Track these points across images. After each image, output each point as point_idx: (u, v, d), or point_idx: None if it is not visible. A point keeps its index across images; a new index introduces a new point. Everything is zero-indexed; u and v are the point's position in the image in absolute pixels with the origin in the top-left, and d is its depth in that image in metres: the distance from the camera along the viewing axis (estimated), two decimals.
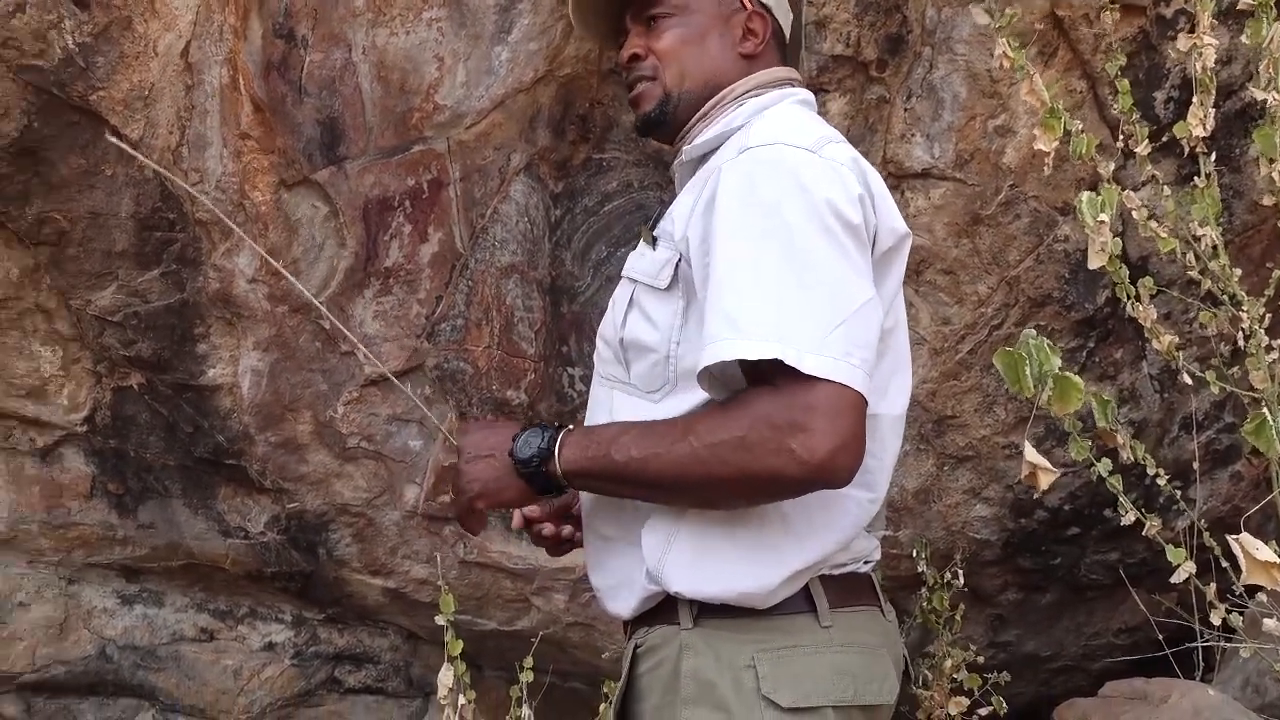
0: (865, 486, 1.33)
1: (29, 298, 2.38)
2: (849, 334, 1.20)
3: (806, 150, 1.28)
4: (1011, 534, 2.76)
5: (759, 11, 1.46)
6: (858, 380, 1.19)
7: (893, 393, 1.38)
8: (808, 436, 1.17)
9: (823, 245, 1.23)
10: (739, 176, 1.28)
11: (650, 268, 1.37)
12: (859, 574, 1.38)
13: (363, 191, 2.33)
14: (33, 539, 2.68)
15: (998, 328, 2.49)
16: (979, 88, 2.30)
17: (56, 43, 2.07)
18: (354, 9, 2.20)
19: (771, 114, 1.39)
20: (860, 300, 1.23)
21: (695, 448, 1.23)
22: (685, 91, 1.45)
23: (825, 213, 1.24)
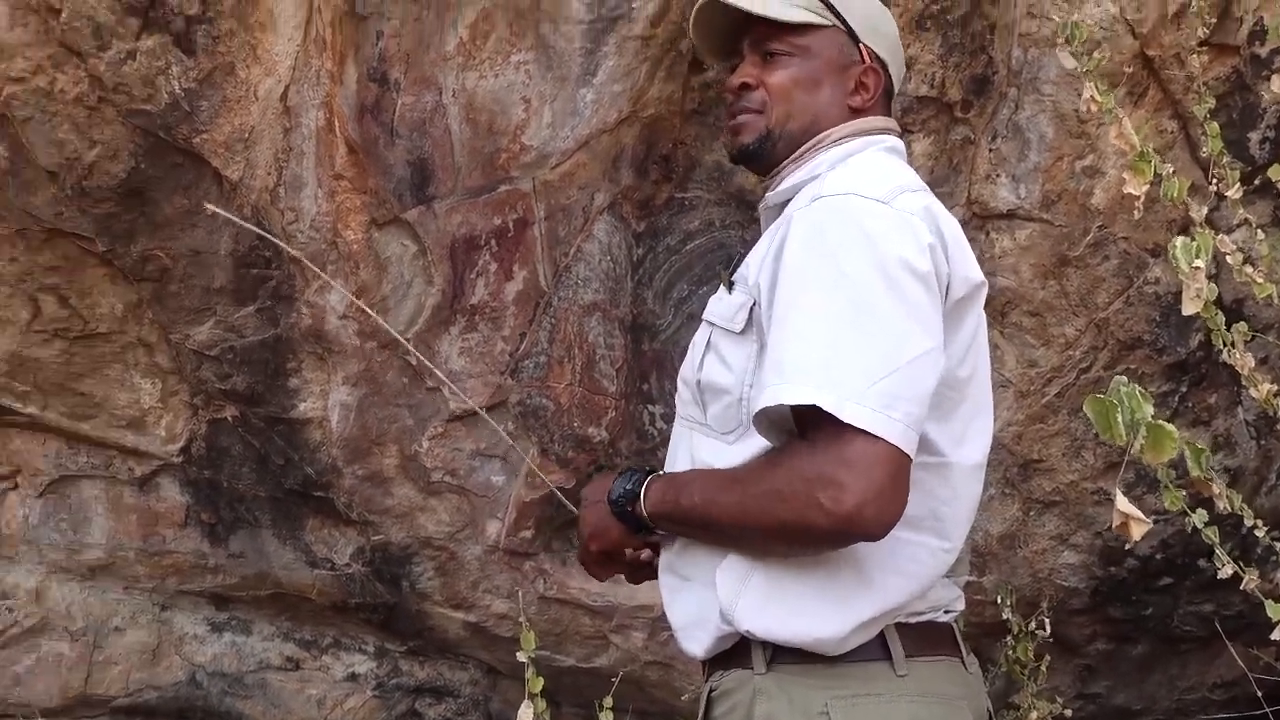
0: (938, 535, 1.32)
1: (132, 332, 2.47)
2: (897, 386, 1.19)
3: (877, 200, 1.28)
4: (1101, 582, 2.68)
5: (875, 67, 1.47)
6: (896, 434, 1.18)
7: (970, 440, 1.36)
8: (836, 490, 1.18)
9: (883, 296, 1.23)
10: (808, 225, 1.29)
11: (726, 311, 1.39)
12: (937, 623, 1.37)
13: (450, 230, 2.38)
14: (129, 565, 2.76)
15: (1086, 371, 2.45)
16: (1066, 128, 2.27)
17: (164, 88, 2.17)
18: (445, 53, 2.26)
19: (853, 161, 1.40)
20: (915, 352, 1.22)
21: (741, 497, 1.27)
22: (787, 131, 1.46)
23: (890, 263, 1.24)
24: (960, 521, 1.36)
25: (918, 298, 1.25)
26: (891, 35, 1.52)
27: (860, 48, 1.47)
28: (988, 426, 1.41)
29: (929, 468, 1.31)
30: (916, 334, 1.23)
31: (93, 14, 2.09)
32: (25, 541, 2.72)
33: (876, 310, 1.22)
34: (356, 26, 2.21)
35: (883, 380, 1.19)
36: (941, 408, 1.31)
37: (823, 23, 1.46)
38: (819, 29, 1.46)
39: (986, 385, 1.42)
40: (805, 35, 1.45)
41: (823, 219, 1.28)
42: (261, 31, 2.18)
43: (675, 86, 2.36)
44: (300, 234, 2.34)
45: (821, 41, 1.46)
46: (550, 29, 2.26)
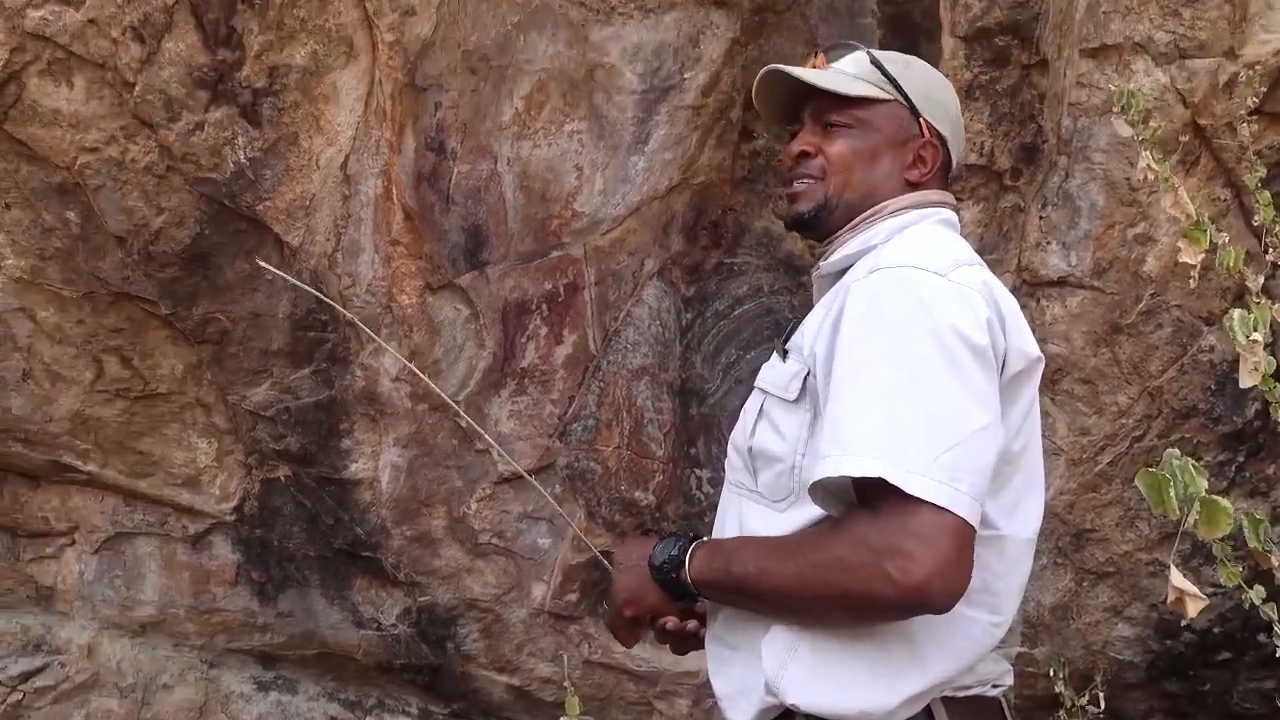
0: (990, 609, 1.31)
1: (190, 392, 2.52)
2: (959, 459, 1.19)
3: (935, 274, 1.29)
4: (1157, 656, 2.63)
5: (934, 141, 1.48)
6: (962, 506, 1.18)
7: (1022, 514, 1.35)
8: (905, 561, 1.17)
9: (941, 369, 1.23)
10: (866, 297, 1.30)
11: (780, 379, 1.40)
12: (985, 697, 1.35)
13: (502, 295, 2.42)
14: (179, 623, 2.79)
15: (1139, 439, 2.42)
16: (1117, 196, 2.28)
17: (230, 157, 2.24)
18: (501, 123, 2.31)
19: (910, 233, 1.41)
20: (976, 425, 1.22)
21: (800, 566, 1.25)
22: (844, 201, 1.47)
23: (948, 336, 1.24)
24: (1012, 595, 1.35)
25: (975, 372, 1.25)
26: (952, 110, 1.53)
27: (920, 122, 1.48)
28: (1040, 500, 1.40)
29: (984, 541, 1.30)
30: (975, 408, 1.23)
31: (165, 87, 2.16)
32: (80, 597, 2.76)
33: (935, 383, 1.22)
34: (416, 98, 2.27)
35: (946, 453, 1.19)
36: (996, 481, 1.31)
37: (884, 96, 1.47)
38: (880, 102, 1.47)
39: (1039, 458, 1.41)
40: (866, 108, 1.47)
41: (880, 290, 1.29)
42: (325, 103, 2.25)
43: (725, 154, 2.40)
44: (356, 298, 2.39)
45: (882, 115, 1.47)
46: (603, 99, 2.31)
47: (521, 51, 2.28)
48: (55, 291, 2.38)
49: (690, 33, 2.29)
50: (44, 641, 2.79)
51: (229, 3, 2.14)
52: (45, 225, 2.30)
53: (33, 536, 2.74)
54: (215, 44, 2.17)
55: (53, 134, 2.19)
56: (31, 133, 2.20)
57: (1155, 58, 2.21)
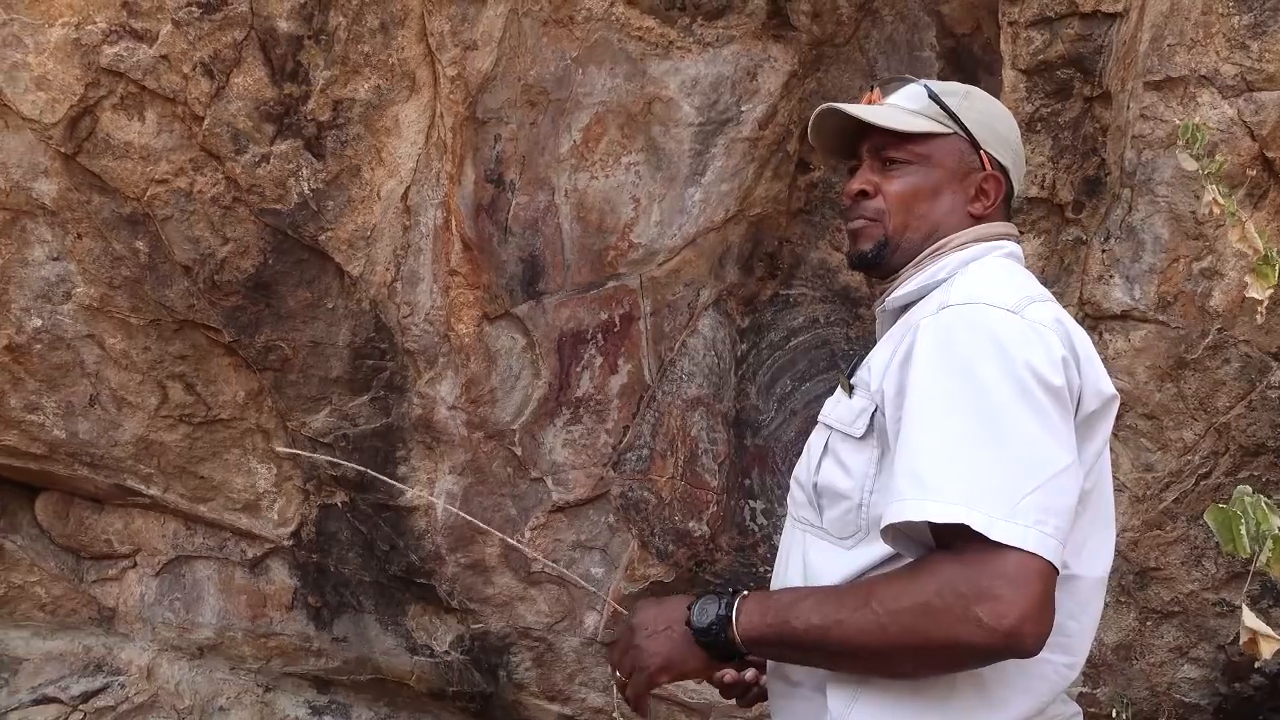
0: (1064, 650, 1.28)
1: (251, 419, 2.56)
2: (1042, 501, 1.16)
3: (1007, 310, 1.26)
4: (1224, 699, 2.56)
5: (995, 174, 1.46)
6: (1049, 549, 1.15)
7: (1091, 553, 1.32)
8: (995, 604, 1.13)
9: (1019, 408, 1.20)
10: (937, 334, 1.27)
11: (846, 415, 1.38)
12: None
13: (559, 325, 2.43)
14: (236, 646, 2.82)
15: (1205, 476, 2.37)
16: (1183, 229, 2.24)
17: (294, 189, 2.28)
18: (559, 155, 2.34)
19: (975, 268, 1.39)
20: (1057, 467, 1.19)
21: (878, 614, 1.19)
22: (906, 240, 1.45)
23: (1024, 375, 1.22)
24: (1085, 635, 1.32)
25: (1052, 412, 1.22)
26: (1013, 140, 1.50)
27: (981, 155, 1.45)
28: (1110, 539, 1.37)
29: (1059, 583, 1.28)
30: (1055, 449, 1.20)
31: (233, 121, 2.21)
32: (140, 619, 2.80)
33: (1013, 424, 1.20)
34: (476, 130, 2.30)
35: (1029, 496, 1.16)
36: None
37: (943, 130, 1.45)
38: (939, 136, 1.45)
39: (1108, 497, 1.38)
40: (926, 144, 1.45)
41: (952, 327, 1.27)
42: (387, 136, 2.28)
43: (782, 186, 2.40)
44: (415, 327, 2.41)
45: (942, 150, 1.45)
46: (660, 131, 2.33)
47: (580, 85, 2.31)
48: (123, 319, 2.43)
49: (748, 66, 2.30)
50: (105, 662, 2.84)
51: (296, 39, 2.19)
52: (115, 254, 2.36)
53: (96, 558, 2.79)
54: (282, 79, 2.21)
55: (124, 166, 2.25)
56: (104, 165, 2.26)
57: (1222, 90, 2.17)
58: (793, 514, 1.46)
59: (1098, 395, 1.30)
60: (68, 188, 2.30)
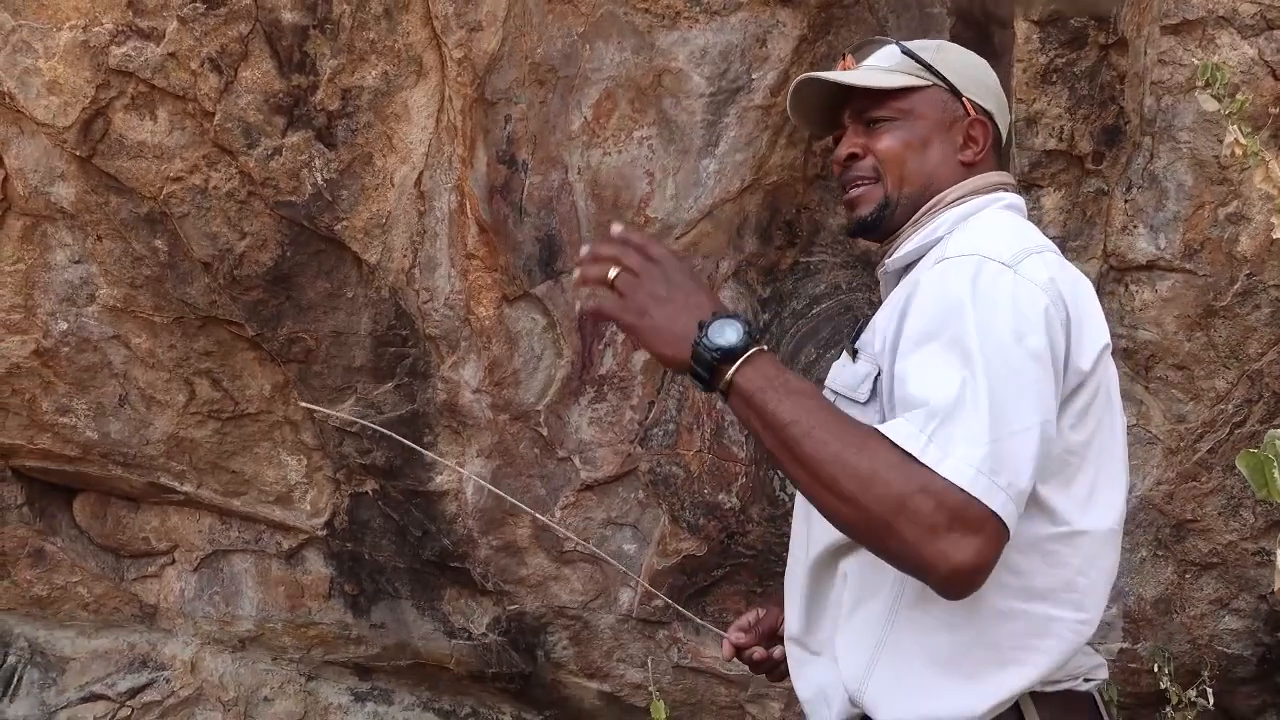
0: (1075, 606, 1.29)
1: (278, 411, 2.58)
2: (999, 453, 1.16)
3: (1002, 264, 1.26)
4: (1268, 649, 2.53)
5: (981, 119, 1.45)
6: (996, 501, 1.15)
7: (1099, 505, 1.31)
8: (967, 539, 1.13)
9: (997, 363, 1.20)
10: (932, 283, 1.28)
11: (850, 380, 1.38)
12: (1076, 692, 1.32)
13: (578, 303, 2.42)
14: (277, 637, 2.85)
15: (1240, 425, 2.34)
16: (1206, 175, 2.20)
17: (308, 180, 2.28)
18: (570, 133, 2.32)
19: (975, 221, 1.38)
20: (1023, 424, 1.19)
21: (860, 469, 1.16)
22: (904, 196, 1.44)
23: (1006, 331, 1.22)
24: (1097, 591, 1.31)
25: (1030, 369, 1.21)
26: (993, 85, 1.49)
27: (963, 101, 1.45)
28: (1122, 490, 1.36)
29: (1059, 538, 1.28)
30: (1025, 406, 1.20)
31: (243, 115, 2.22)
32: (182, 614, 2.84)
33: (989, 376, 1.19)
34: (485, 112, 2.29)
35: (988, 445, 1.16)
36: (1063, 474, 1.28)
37: (922, 83, 1.44)
38: (919, 90, 1.44)
39: (1116, 446, 1.36)
40: (906, 98, 1.44)
41: (946, 277, 1.27)
42: (397, 122, 2.28)
43: (797, 152, 2.38)
44: (435, 312, 2.42)
45: (924, 101, 1.44)
46: (672, 104, 2.31)
47: (588, 61, 2.29)
48: (147, 318, 2.45)
49: (757, 33, 2.27)
50: (149, 658, 2.88)
51: (301, 29, 2.19)
52: (135, 254, 2.37)
53: (135, 556, 2.83)
54: (289, 70, 2.21)
55: (139, 165, 2.26)
56: (119, 165, 2.27)
57: (1241, 30, 2.13)
58: None
59: (1092, 347, 1.29)
60: (85, 190, 2.32)
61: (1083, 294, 1.33)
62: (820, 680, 1.38)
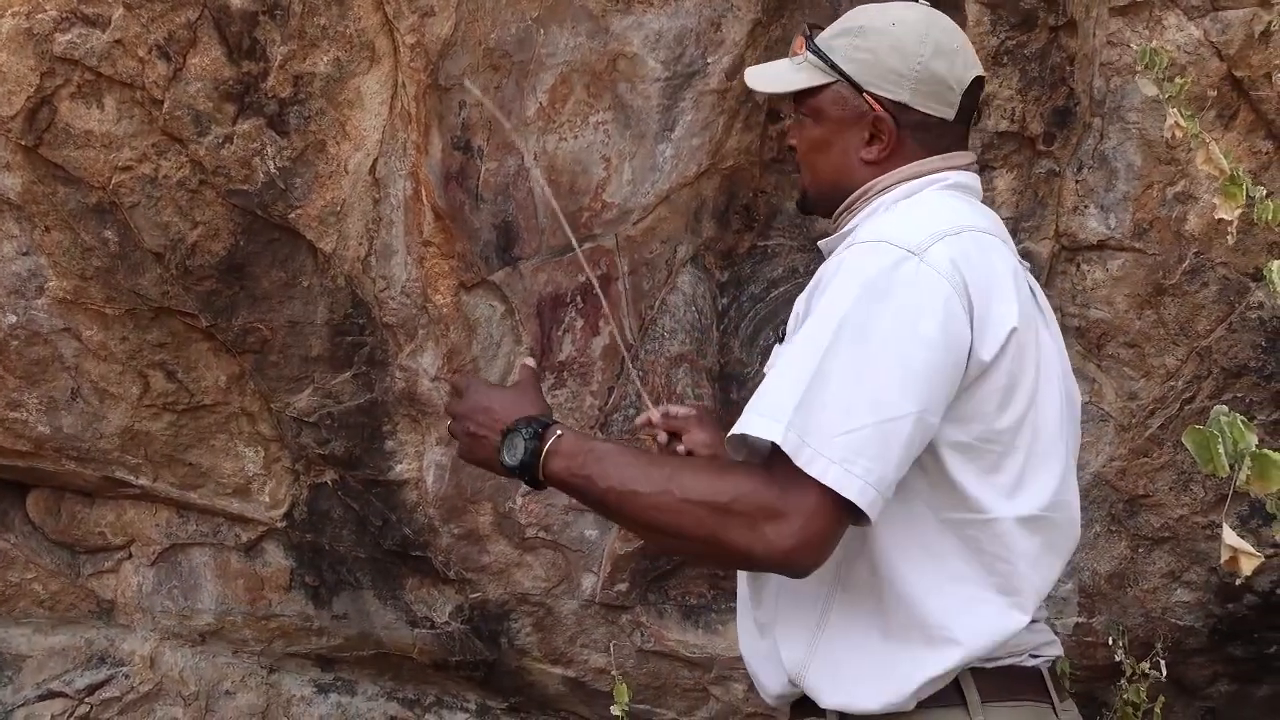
0: (1002, 590, 1.31)
1: (235, 403, 2.56)
2: (863, 441, 1.19)
3: (906, 251, 1.27)
4: (1219, 620, 2.58)
5: (883, 115, 1.41)
6: (852, 489, 1.18)
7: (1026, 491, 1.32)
8: (781, 526, 1.19)
9: (881, 350, 1.22)
10: (834, 272, 1.30)
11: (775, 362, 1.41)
12: (1021, 667, 1.34)
13: (536, 290, 2.42)
14: (237, 630, 2.83)
15: (1190, 401, 2.38)
16: (1155, 155, 2.24)
17: (260, 168, 2.26)
18: (526, 118, 2.32)
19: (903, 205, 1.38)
20: (894, 414, 1.21)
21: (675, 498, 1.24)
22: (816, 192, 1.49)
23: (898, 320, 1.23)
24: (1025, 575, 1.32)
25: (916, 360, 1.22)
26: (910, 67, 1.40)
27: (865, 96, 1.41)
28: (1055, 472, 1.36)
29: (976, 524, 1.30)
30: (901, 396, 1.21)
31: (192, 102, 2.19)
32: (140, 609, 2.81)
33: (870, 363, 1.22)
34: (440, 98, 2.28)
35: (850, 434, 1.19)
36: (982, 460, 1.29)
37: (825, 80, 1.43)
38: (821, 89, 1.44)
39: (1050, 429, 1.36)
40: (814, 97, 1.45)
41: (849, 265, 1.29)
42: (350, 109, 2.26)
43: (753, 136, 2.38)
44: (392, 300, 2.40)
45: (826, 100, 1.44)
46: (627, 88, 2.31)
47: (542, 46, 2.28)
48: (98, 310, 2.42)
49: (711, 17, 2.28)
50: (108, 654, 2.85)
51: (250, 15, 2.16)
52: (84, 245, 2.34)
53: (91, 552, 2.80)
54: (239, 56, 2.19)
55: (86, 155, 2.23)
56: (66, 155, 2.23)
57: (1187, 11, 2.16)
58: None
59: (997, 334, 1.28)
60: (32, 181, 2.28)
61: (994, 277, 1.32)
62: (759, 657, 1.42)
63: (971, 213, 1.38)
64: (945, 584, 1.29)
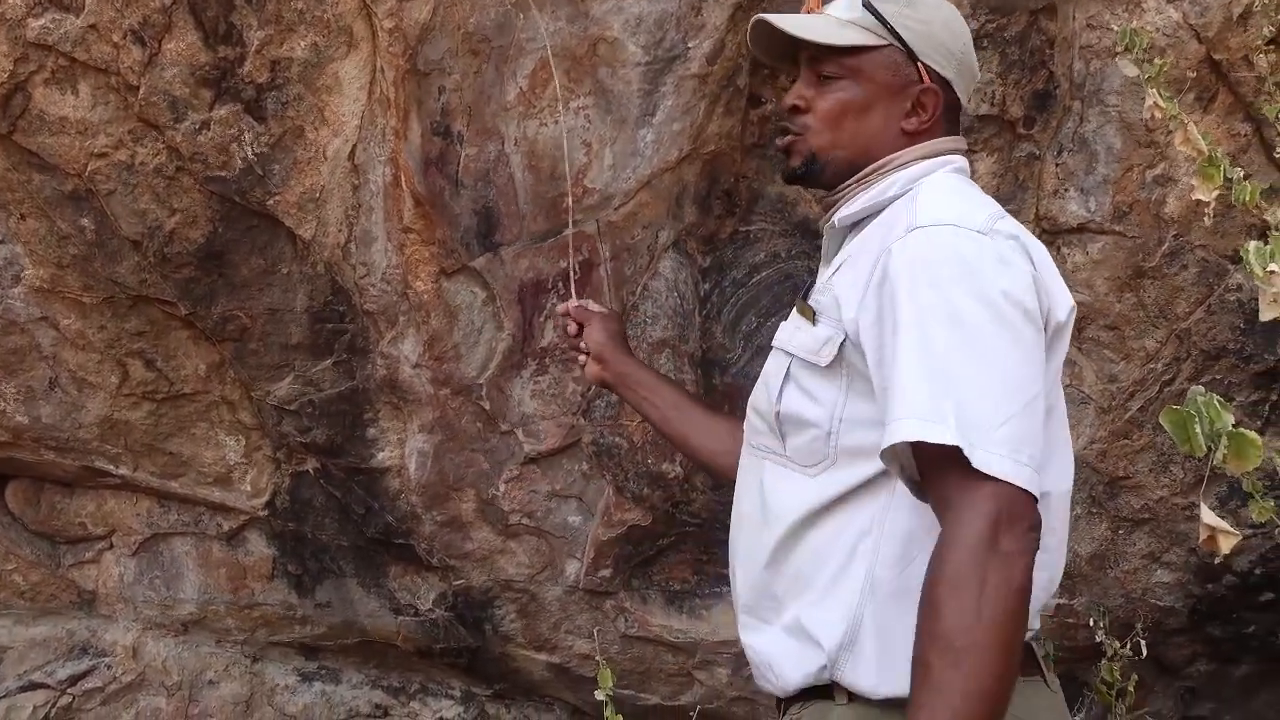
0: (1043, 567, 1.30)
1: (215, 391, 2.54)
2: (1017, 428, 1.18)
3: (977, 232, 1.26)
4: (1198, 600, 2.60)
5: (934, 87, 1.42)
6: (1025, 478, 1.17)
7: (1056, 467, 1.34)
8: (1010, 535, 1.16)
9: (995, 335, 1.21)
10: (912, 260, 1.27)
11: (809, 343, 1.36)
12: None
13: (518, 276, 2.41)
14: (220, 619, 2.82)
15: (1169, 383, 2.39)
16: (1134, 138, 2.24)
17: (237, 154, 2.24)
18: (506, 104, 2.30)
19: (929, 186, 1.37)
20: (1031, 394, 1.21)
21: (968, 667, 1.14)
22: (834, 158, 1.43)
23: (999, 299, 1.23)
24: (1059, 550, 1.36)
25: (1028, 336, 1.23)
26: (958, 49, 1.44)
27: (919, 66, 1.41)
28: (1068, 455, 1.40)
29: None
30: (1029, 375, 1.22)
31: (169, 88, 2.17)
32: (122, 599, 2.80)
33: (990, 350, 1.21)
34: (419, 83, 2.26)
35: (1006, 424, 1.18)
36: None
37: (877, 43, 1.41)
38: (871, 50, 1.41)
39: (1064, 406, 1.41)
40: (856, 57, 1.41)
41: (926, 253, 1.26)
42: (328, 94, 2.25)
43: (734, 121, 2.38)
44: (372, 287, 2.39)
45: (874, 63, 1.41)
46: (608, 73, 2.30)
47: (522, 30, 2.27)
48: (75, 299, 2.40)
49: (692, 1, 2.26)
50: (89, 645, 2.84)
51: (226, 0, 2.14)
52: (61, 233, 2.32)
53: (71, 542, 2.78)
54: (215, 41, 2.17)
55: (61, 142, 2.21)
56: (41, 142, 2.21)
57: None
58: (750, 441, 1.46)
59: (1063, 309, 1.32)
60: (6, 168, 2.26)
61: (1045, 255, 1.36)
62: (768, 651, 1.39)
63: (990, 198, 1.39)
64: None
